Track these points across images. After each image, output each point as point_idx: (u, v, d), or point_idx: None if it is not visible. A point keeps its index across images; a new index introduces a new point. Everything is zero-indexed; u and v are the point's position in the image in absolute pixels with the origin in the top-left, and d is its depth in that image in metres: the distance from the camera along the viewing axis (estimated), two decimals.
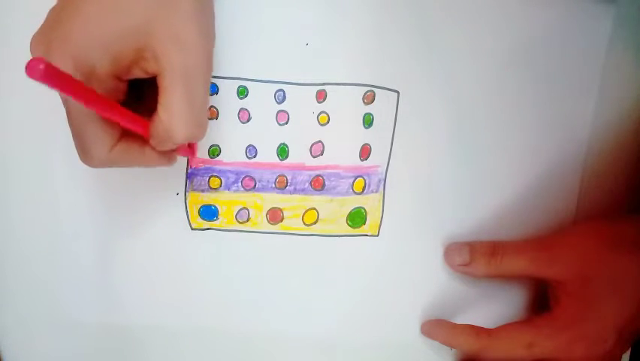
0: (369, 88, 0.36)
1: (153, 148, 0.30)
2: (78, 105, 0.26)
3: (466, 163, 0.37)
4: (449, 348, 0.39)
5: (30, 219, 0.36)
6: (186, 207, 0.37)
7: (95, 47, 0.26)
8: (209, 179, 0.36)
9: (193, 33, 0.28)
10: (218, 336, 0.38)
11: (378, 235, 0.38)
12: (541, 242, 0.36)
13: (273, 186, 0.37)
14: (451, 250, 0.37)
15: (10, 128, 0.35)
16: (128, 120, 0.27)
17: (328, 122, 0.36)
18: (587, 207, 0.39)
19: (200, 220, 0.37)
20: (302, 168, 0.36)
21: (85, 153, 0.28)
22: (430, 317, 0.38)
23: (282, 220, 0.37)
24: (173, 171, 0.36)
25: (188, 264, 0.37)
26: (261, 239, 0.37)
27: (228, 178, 0.36)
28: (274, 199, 0.37)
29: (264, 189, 0.37)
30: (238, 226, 0.37)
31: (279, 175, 0.36)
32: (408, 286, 0.38)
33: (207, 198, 0.36)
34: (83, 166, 0.35)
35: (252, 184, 0.36)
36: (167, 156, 0.31)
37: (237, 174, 0.36)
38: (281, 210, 0.37)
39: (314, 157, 0.36)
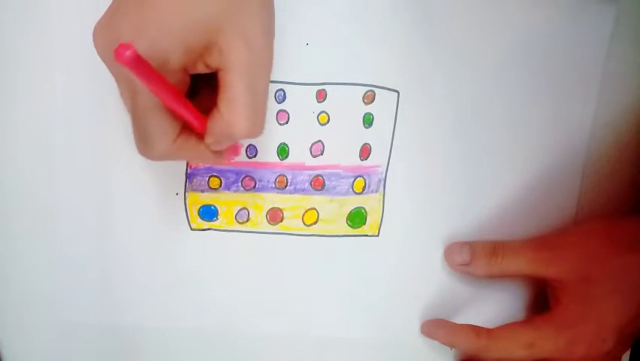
0: (369, 88, 0.36)
1: (206, 145, 0.30)
2: (147, 96, 0.26)
3: (466, 163, 0.37)
4: (449, 348, 0.39)
5: (29, 220, 0.36)
6: (186, 208, 0.36)
7: (169, 39, 0.26)
8: (209, 179, 0.36)
9: (259, 31, 0.28)
10: (218, 337, 0.38)
11: (378, 235, 0.38)
12: (541, 242, 0.36)
13: (273, 186, 0.36)
14: (452, 250, 0.37)
15: (8, 129, 0.35)
16: (192, 114, 0.28)
17: (328, 121, 0.36)
18: (587, 207, 0.39)
19: (199, 221, 0.37)
20: (302, 167, 0.36)
21: (146, 145, 0.28)
22: (430, 317, 0.38)
23: (282, 220, 0.37)
24: (173, 172, 0.36)
25: (187, 265, 0.37)
26: (261, 239, 0.37)
27: (228, 178, 0.36)
28: (274, 199, 0.37)
29: (264, 189, 0.36)
30: (238, 227, 0.37)
31: (279, 175, 0.36)
32: (408, 286, 0.38)
33: (207, 198, 0.36)
34: (82, 166, 0.36)
35: (252, 184, 0.36)
36: (219, 153, 0.31)
37: (237, 173, 0.36)
38: (281, 210, 0.37)
39: (314, 157, 0.36)
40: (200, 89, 0.30)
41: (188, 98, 0.29)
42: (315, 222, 0.37)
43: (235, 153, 0.35)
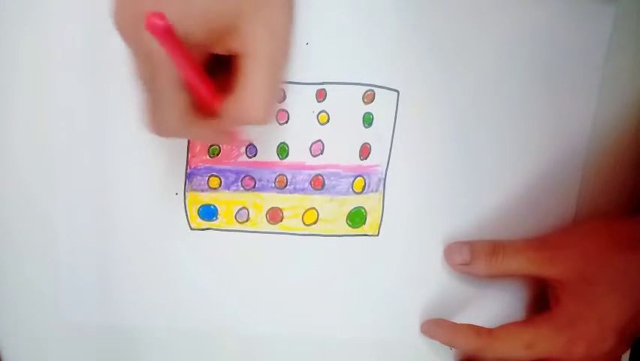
0: (369, 87, 0.36)
1: (212, 125, 0.30)
2: (165, 72, 0.27)
3: (466, 163, 0.37)
4: (449, 348, 0.39)
5: (28, 220, 0.36)
6: (185, 207, 0.36)
7: (192, 18, 0.27)
8: (209, 179, 0.36)
9: (283, 21, 0.29)
10: (218, 337, 0.38)
11: (378, 235, 0.38)
12: (541, 242, 0.36)
13: (273, 185, 0.36)
14: (452, 250, 0.37)
15: (8, 128, 0.35)
16: (209, 92, 0.28)
17: (328, 121, 0.36)
18: (587, 207, 0.39)
19: (199, 220, 0.37)
20: (302, 167, 0.36)
21: (158, 119, 0.29)
22: (430, 317, 0.38)
23: (281, 220, 0.37)
24: (173, 171, 0.36)
25: (187, 264, 0.37)
26: (260, 239, 0.37)
27: (228, 178, 0.36)
28: (274, 199, 0.37)
29: (263, 188, 0.36)
30: (238, 226, 0.37)
31: (279, 175, 0.36)
32: (408, 286, 0.38)
33: (207, 197, 0.36)
34: (81, 166, 0.36)
35: (252, 184, 0.36)
36: (226, 134, 0.32)
37: (237, 173, 0.36)
38: (281, 209, 0.37)
39: (314, 156, 0.36)
40: (217, 70, 0.30)
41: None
42: (314, 222, 0.37)
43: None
